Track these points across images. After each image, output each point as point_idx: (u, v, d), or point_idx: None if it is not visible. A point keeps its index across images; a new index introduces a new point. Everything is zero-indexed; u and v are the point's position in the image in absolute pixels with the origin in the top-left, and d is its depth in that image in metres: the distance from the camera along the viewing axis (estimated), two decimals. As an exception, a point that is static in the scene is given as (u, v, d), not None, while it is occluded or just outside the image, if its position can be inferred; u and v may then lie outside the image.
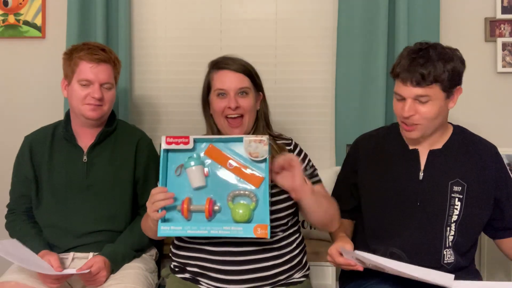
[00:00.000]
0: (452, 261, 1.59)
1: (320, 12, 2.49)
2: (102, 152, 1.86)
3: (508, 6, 2.41)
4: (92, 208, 1.82)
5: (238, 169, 1.50)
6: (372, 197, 1.69)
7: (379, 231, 1.66)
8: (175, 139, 1.51)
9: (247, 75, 1.67)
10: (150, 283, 1.78)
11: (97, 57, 1.79)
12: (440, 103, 1.54)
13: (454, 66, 1.53)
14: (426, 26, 2.34)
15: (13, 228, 1.87)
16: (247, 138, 1.49)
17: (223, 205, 1.49)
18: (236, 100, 1.63)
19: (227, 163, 1.51)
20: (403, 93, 1.55)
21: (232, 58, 1.69)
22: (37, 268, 1.60)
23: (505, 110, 2.44)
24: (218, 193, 1.50)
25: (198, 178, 1.49)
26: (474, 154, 1.64)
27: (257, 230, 1.44)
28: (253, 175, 1.49)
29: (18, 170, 1.90)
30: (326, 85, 2.50)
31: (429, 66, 1.50)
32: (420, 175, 1.62)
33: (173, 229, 1.48)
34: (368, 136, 1.79)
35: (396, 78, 1.58)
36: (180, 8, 2.53)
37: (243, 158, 1.50)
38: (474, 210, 1.60)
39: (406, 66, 1.53)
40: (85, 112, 1.79)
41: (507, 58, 2.41)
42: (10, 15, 2.52)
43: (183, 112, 2.54)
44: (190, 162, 1.49)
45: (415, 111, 1.54)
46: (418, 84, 1.51)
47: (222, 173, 1.51)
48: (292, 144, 1.75)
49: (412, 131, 1.58)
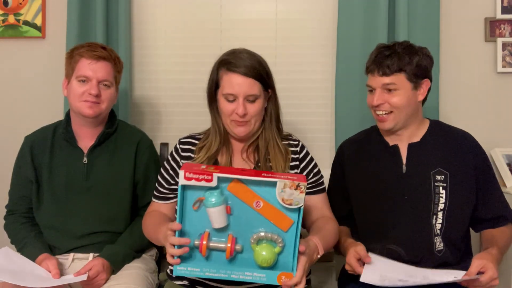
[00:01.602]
0: (442, 248, 1.64)
1: (320, 12, 2.49)
2: (102, 153, 1.85)
3: (508, 6, 2.41)
4: (92, 209, 1.81)
5: (266, 210, 1.34)
6: (360, 197, 1.75)
7: (372, 230, 1.71)
8: (196, 175, 1.30)
9: (258, 80, 1.61)
10: (150, 283, 1.79)
11: (96, 53, 1.79)
12: (407, 92, 1.66)
13: (419, 59, 1.67)
14: (426, 26, 2.34)
15: (12, 230, 1.87)
16: (282, 183, 1.31)
17: (246, 245, 1.36)
18: (245, 106, 1.59)
19: (253, 202, 1.34)
20: (372, 84, 1.70)
21: (242, 58, 1.61)
22: (30, 283, 1.54)
23: (505, 110, 2.43)
24: (241, 232, 1.36)
25: (220, 219, 1.34)
26: (453, 143, 1.72)
27: (281, 278, 1.34)
28: (282, 217, 1.34)
29: (18, 170, 1.90)
30: (326, 85, 2.49)
31: (394, 56, 1.65)
32: (403, 169, 1.71)
33: (190, 270, 1.35)
34: (350, 140, 1.89)
35: (367, 73, 1.73)
36: (180, 8, 2.53)
37: (272, 201, 1.34)
38: (459, 197, 1.66)
39: (373, 58, 1.69)
40: (82, 109, 1.79)
41: (507, 58, 2.41)
42: (10, 15, 2.52)
43: (183, 112, 2.53)
44: (211, 199, 1.32)
45: (384, 100, 1.67)
46: (384, 74, 1.65)
47: (246, 211, 1.35)
48: (299, 146, 1.72)
49: (386, 121, 1.69)
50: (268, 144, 1.67)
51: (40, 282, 1.58)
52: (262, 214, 1.35)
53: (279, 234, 1.35)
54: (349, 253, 1.56)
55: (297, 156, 1.70)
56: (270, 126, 1.69)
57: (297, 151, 1.70)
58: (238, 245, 1.36)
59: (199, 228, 1.36)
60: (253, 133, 1.67)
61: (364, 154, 1.79)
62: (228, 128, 1.66)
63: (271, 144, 1.67)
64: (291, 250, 1.36)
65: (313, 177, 1.70)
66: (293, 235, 1.35)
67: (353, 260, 1.54)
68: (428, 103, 1.84)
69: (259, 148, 1.68)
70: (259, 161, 1.67)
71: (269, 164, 1.64)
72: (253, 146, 1.70)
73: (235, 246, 1.35)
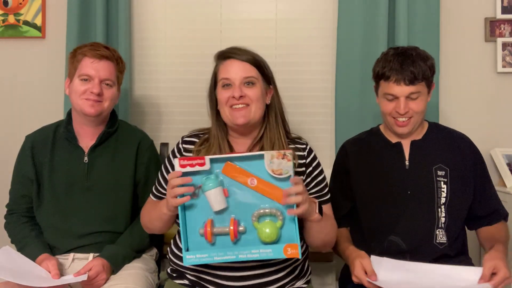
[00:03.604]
0: (445, 241, 1.68)
1: (320, 12, 2.49)
2: (103, 153, 1.85)
3: (508, 6, 2.41)
4: (92, 209, 1.81)
5: (260, 186, 1.40)
6: (365, 194, 1.78)
7: (377, 225, 1.74)
8: (190, 161, 1.39)
9: (254, 65, 1.58)
10: (151, 283, 1.78)
11: (99, 53, 1.80)
12: (426, 97, 1.73)
13: (432, 63, 1.72)
14: (426, 26, 2.34)
15: (13, 229, 1.86)
16: (269, 154, 1.38)
17: (248, 225, 1.41)
18: (241, 89, 1.54)
19: (247, 180, 1.41)
20: (396, 93, 1.68)
21: (240, 48, 1.60)
22: (31, 282, 1.55)
23: (505, 110, 2.44)
24: (241, 213, 1.41)
25: (219, 201, 1.40)
26: (451, 143, 1.78)
27: (287, 250, 1.37)
28: (277, 191, 1.39)
29: (19, 169, 1.90)
30: (326, 85, 2.50)
31: (417, 65, 1.67)
32: (406, 165, 1.75)
33: (199, 257, 1.39)
34: (352, 139, 1.91)
35: (385, 80, 1.70)
36: (180, 8, 2.53)
37: (265, 176, 1.40)
38: (458, 192, 1.72)
39: (398, 68, 1.67)
40: (83, 108, 1.79)
41: (507, 58, 2.41)
42: (10, 15, 2.52)
43: (183, 112, 2.53)
44: (208, 183, 1.39)
45: (409, 108, 1.69)
46: (410, 83, 1.66)
47: (243, 192, 1.41)
48: (306, 150, 1.65)
49: (405, 126, 1.72)
50: (274, 146, 1.59)
51: (40, 282, 1.58)
52: (257, 191, 1.40)
53: (277, 208, 1.40)
54: (356, 266, 1.57)
55: (304, 161, 1.62)
56: (275, 125, 1.62)
57: (304, 156, 1.63)
58: (241, 227, 1.41)
59: (202, 217, 1.42)
60: (254, 122, 1.58)
61: (367, 151, 1.82)
62: (227, 121, 1.58)
63: (276, 147, 1.59)
64: (291, 221, 1.40)
65: (315, 187, 1.63)
66: (290, 206, 1.38)
67: (362, 273, 1.56)
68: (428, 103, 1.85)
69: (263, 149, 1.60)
70: None
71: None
72: (258, 148, 1.62)
73: (238, 228, 1.40)
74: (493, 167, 2.37)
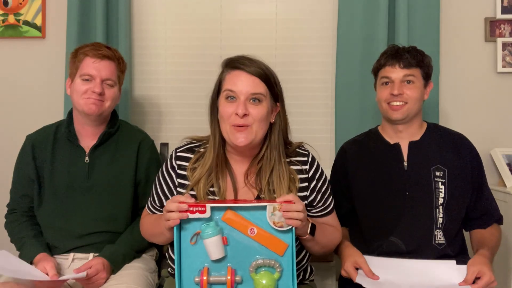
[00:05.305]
0: (443, 242, 1.69)
1: (320, 12, 2.49)
2: (104, 153, 1.86)
3: (508, 6, 2.41)
4: (93, 209, 1.82)
5: (260, 236, 1.37)
6: (364, 194, 1.79)
7: (376, 225, 1.75)
8: (190, 207, 1.34)
9: (264, 81, 1.47)
10: (150, 283, 1.79)
11: (100, 52, 1.80)
12: (421, 87, 1.77)
13: (429, 60, 1.81)
14: (426, 26, 2.34)
15: (12, 228, 1.86)
16: (271, 206, 1.35)
17: (245, 275, 1.37)
18: (246, 106, 1.44)
19: (248, 230, 1.37)
20: (391, 75, 1.76)
21: (250, 59, 1.49)
22: (30, 276, 1.56)
23: (505, 110, 2.44)
24: (239, 262, 1.38)
25: (218, 250, 1.36)
26: (450, 143, 1.80)
27: None
28: (277, 242, 1.37)
29: (19, 169, 1.90)
30: (326, 85, 2.50)
31: (412, 53, 1.77)
32: (405, 165, 1.77)
33: None
34: (351, 141, 1.94)
35: (382, 68, 1.80)
36: (180, 8, 2.53)
37: (265, 225, 1.36)
38: (456, 192, 1.73)
39: (393, 53, 1.78)
40: (85, 107, 1.79)
41: (507, 58, 2.41)
42: (10, 15, 2.52)
43: (183, 112, 2.53)
44: (208, 231, 1.35)
45: (402, 91, 1.74)
46: (405, 66, 1.75)
47: (242, 240, 1.38)
48: (308, 163, 1.58)
49: (399, 110, 1.75)
50: (273, 168, 1.52)
51: (39, 277, 1.59)
52: (257, 241, 1.37)
53: (276, 260, 1.37)
54: (348, 261, 1.60)
55: (306, 176, 1.57)
56: (276, 144, 1.52)
57: (306, 170, 1.57)
58: (237, 276, 1.37)
59: (198, 265, 1.38)
60: (255, 143, 1.50)
61: (366, 152, 1.84)
62: (227, 137, 1.49)
63: (276, 169, 1.51)
64: (289, 274, 1.38)
65: (321, 200, 1.59)
66: (290, 258, 1.37)
67: (352, 268, 1.59)
68: (428, 103, 1.86)
69: (262, 170, 1.53)
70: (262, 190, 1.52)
71: (274, 196, 1.50)
72: (256, 169, 1.55)
73: (235, 277, 1.37)
74: (493, 167, 2.37)
